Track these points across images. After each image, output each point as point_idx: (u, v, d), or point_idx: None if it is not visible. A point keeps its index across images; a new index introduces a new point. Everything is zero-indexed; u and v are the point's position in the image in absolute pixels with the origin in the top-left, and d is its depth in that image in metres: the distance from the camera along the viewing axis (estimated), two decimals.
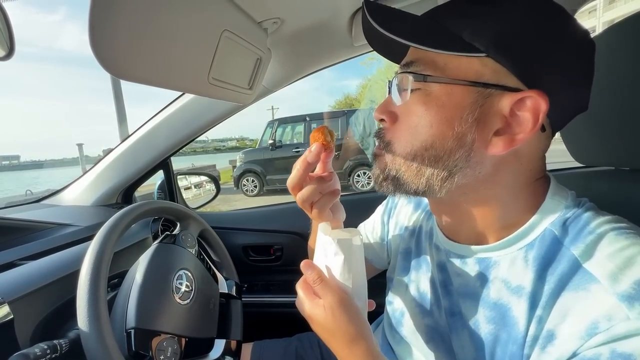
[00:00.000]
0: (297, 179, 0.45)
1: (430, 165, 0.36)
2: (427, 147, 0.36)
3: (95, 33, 0.35)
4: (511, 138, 0.34)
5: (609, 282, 0.29)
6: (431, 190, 0.37)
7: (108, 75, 0.43)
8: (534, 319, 0.33)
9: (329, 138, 0.44)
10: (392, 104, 0.40)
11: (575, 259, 0.32)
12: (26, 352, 0.42)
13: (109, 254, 0.52)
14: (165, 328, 0.56)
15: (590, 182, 0.61)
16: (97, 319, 0.45)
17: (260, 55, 0.67)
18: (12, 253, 0.63)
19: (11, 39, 0.47)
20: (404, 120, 0.38)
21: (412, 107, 0.37)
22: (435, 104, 0.35)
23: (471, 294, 0.40)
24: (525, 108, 0.33)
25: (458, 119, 0.34)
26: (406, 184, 0.38)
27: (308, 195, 0.45)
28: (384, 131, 0.40)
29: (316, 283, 0.39)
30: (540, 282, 0.34)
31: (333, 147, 0.45)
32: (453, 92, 0.34)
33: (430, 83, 0.35)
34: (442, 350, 0.43)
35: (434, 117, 0.35)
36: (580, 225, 0.34)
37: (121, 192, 1.05)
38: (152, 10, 0.40)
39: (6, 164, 67.33)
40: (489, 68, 0.33)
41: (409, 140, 0.37)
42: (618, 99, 0.49)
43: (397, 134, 0.38)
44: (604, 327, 0.28)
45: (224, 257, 0.85)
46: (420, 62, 0.36)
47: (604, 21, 24.04)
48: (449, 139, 0.35)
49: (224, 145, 54.90)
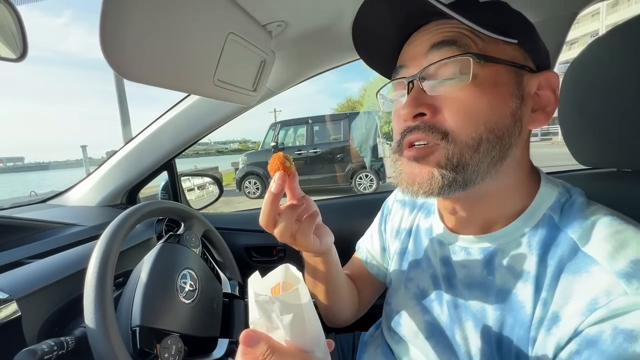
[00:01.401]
0: (267, 215, 0.40)
1: (494, 147, 0.36)
2: (492, 128, 0.36)
3: (106, 37, 0.36)
4: (545, 112, 0.38)
5: (607, 262, 0.31)
6: (482, 176, 0.37)
7: (112, 77, 0.44)
8: (540, 302, 0.35)
9: (287, 163, 0.41)
10: (425, 96, 0.37)
11: (575, 243, 0.34)
12: (34, 349, 0.43)
13: (115, 252, 0.53)
14: (169, 326, 0.56)
15: (593, 184, 0.61)
16: (104, 317, 0.46)
17: (264, 57, 0.68)
18: (20, 252, 0.64)
19: (24, 42, 0.49)
20: (459, 107, 0.36)
21: (466, 91, 0.36)
22: (489, 84, 0.36)
23: (477, 283, 0.41)
24: (546, 86, 0.38)
25: (510, 97, 0.36)
26: (473, 172, 0.36)
27: (284, 227, 0.40)
28: (435, 122, 0.37)
29: (269, 356, 0.30)
30: (542, 265, 0.36)
31: (295, 171, 0.42)
32: (500, 72, 0.36)
33: (482, 64, 0.35)
34: (442, 346, 0.43)
35: (492, 98, 0.36)
36: (575, 210, 0.37)
37: (126, 192, 1.06)
38: (160, 14, 0.41)
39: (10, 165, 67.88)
40: (519, 53, 0.37)
41: (473, 125, 0.35)
42: (620, 101, 0.49)
43: (455, 121, 0.36)
44: (604, 302, 0.30)
45: (227, 258, 0.85)
46: (461, 44, 0.36)
47: (607, 24, 23.99)
48: (507, 117, 0.36)
49: (227, 148, 55.12)
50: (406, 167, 0.40)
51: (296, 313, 0.32)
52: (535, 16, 0.73)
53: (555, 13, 0.72)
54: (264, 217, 0.40)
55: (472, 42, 0.36)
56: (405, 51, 0.42)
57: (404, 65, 0.41)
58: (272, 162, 0.41)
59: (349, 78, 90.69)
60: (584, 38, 26.47)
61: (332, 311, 0.59)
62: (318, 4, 0.62)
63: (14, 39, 0.49)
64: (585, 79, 0.54)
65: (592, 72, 0.53)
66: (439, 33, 0.37)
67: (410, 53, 0.40)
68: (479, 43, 0.36)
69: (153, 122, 0.96)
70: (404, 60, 0.41)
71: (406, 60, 0.41)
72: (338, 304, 0.58)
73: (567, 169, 0.90)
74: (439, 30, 0.38)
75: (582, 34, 27.56)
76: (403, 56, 0.42)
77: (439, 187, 0.37)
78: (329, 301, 0.56)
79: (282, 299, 0.31)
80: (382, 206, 0.65)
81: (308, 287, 0.60)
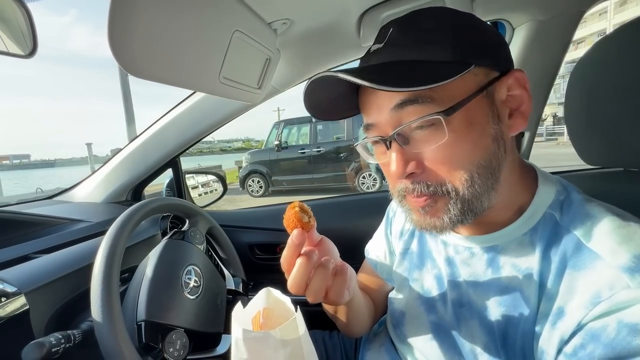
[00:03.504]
0: (301, 279, 0.36)
1: (487, 177, 0.37)
2: (480, 163, 0.36)
3: (115, 35, 0.36)
4: (521, 112, 0.38)
5: (610, 256, 0.32)
6: (487, 202, 0.38)
7: (117, 76, 0.44)
8: (544, 297, 0.35)
9: (305, 218, 0.36)
10: (407, 152, 0.37)
11: (579, 239, 0.35)
12: (42, 341, 0.44)
13: (121, 248, 0.53)
14: (174, 321, 0.57)
15: (599, 183, 0.61)
16: (111, 311, 0.47)
17: (269, 55, 0.68)
18: (27, 246, 0.65)
19: (34, 38, 0.49)
20: (444, 159, 0.36)
21: (445, 144, 0.35)
22: (465, 126, 0.35)
23: (481, 282, 0.42)
24: (515, 86, 0.38)
25: (488, 125, 0.36)
26: (478, 205, 0.37)
27: (319, 287, 0.36)
28: (427, 178, 0.37)
29: None
30: (546, 261, 0.37)
31: (314, 223, 0.37)
32: (471, 109, 0.35)
33: (453, 115, 0.34)
34: (446, 345, 0.44)
35: (472, 137, 0.36)
36: (575, 207, 0.38)
37: (131, 189, 1.07)
38: (167, 13, 0.41)
39: (17, 162, 68.70)
40: (480, 71, 0.36)
41: (462, 169, 0.36)
42: (627, 100, 0.49)
43: (445, 172, 0.36)
44: (607, 295, 0.30)
45: (231, 255, 0.86)
46: (423, 99, 0.35)
47: (615, 23, 23.72)
48: (490, 146, 0.37)
49: (230, 146, 55.27)
50: (415, 213, 0.40)
51: (294, 347, 0.29)
52: (541, 14, 0.72)
53: (561, 11, 0.71)
54: (295, 282, 0.36)
55: (433, 92, 0.34)
56: (367, 101, 0.40)
57: (373, 123, 0.39)
58: (288, 217, 0.36)
59: None
60: (591, 37, 26.17)
61: (351, 329, 0.60)
62: (323, 2, 0.62)
63: (22, 35, 0.49)
64: (591, 78, 0.54)
65: (599, 71, 0.53)
66: (397, 93, 0.36)
67: (374, 105, 0.39)
68: (439, 90, 0.34)
69: (158, 120, 0.96)
70: (370, 115, 0.40)
71: (373, 116, 0.39)
72: (359, 324, 0.59)
73: (573, 169, 0.89)
74: None
75: (589, 33, 27.26)
76: (366, 108, 0.40)
77: (451, 227, 0.38)
78: (349, 322, 0.57)
79: (278, 334, 0.28)
80: (387, 210, 0.65)
81: (329, 315, 0.58)
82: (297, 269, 0.36)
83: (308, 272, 0.36)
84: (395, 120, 0.37)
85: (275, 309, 0.32)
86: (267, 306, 0.33)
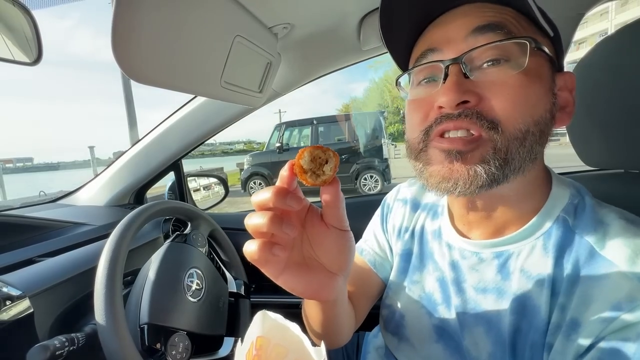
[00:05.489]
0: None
1: (537, 142, 0.34)
2: (538, 121, 0.33)
3: (118, 40, 0.37)
4: (568, 112, 0.37)
5: (627, 266, 0.30)
6: (518, 173, 0.34)
7: (119, 80, 0.44)
8: (557, 307, 0.34)
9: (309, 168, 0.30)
10: (467, 81, 0.34)
11: (592, 247, 0.33)
12: (46, 344, 0.44)
13: (124, 251, 0.54)
14: (176, 324, 0.57)
15: (600, 185, 0.61)
16: (114, 314, 0.47)
17: (270, 59, 0.69)
18: (31, 250, 0.66)
19: (39, 46, 0.50)
20: (509, 95, 0.33)
21: (516, 79, 0.33)
22: (536, 75, 0.33)
23: (490, 288, 0.39)
24: (564, 87, 0.37)
25: (549, 92, 0.35)
26: (514, 168, 0.34)
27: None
28: (481, 110, 0.33)
29: None
30: (558, 268, 0.35)
31: (323, 179, 0.31)
32: (543, 64, 0.34)
33: (534, 52, 0.33)
34: (451, 350, 0.42)
35: (539, 89, 0.33)
36: (588, 212, 0.36)
37: (133, 192, 1.07)
38: (169, 19, 0.42)
39: (20, 165, 69.16)
40: (552, 49, 0.35)
41: (522, 116, 0.33)
42: (628, 101, 0.49)
43: (505, 110, 0.33)
44: (627, 308, 0.28)
45: (233, 257, 0.86)
46: (508, 29, 0.33)
47: (617, 23, 23.64)
48: (547, 112, 0.34)
49: (232, 149, 55.41)
50: (438, 162, 0.35)
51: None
52: None
53: (561, 14, 0.71)
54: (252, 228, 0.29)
55: (517, 30, 0.33)
56: (434, 34, 0.37)
57: (436, 48, 0.36)
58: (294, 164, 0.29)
59: (354, 78, 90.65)
60: (593, 37, 26.10)
61: (329, 338, 0.48)
62: (323, 7, 0.62)
63: (28, 43, 0.50)
64: (592, 79, 0.54)
65: (600, 72, 0.53)
66: (481, 16, 0.34)
67: (444, 36, 0.36)
68: (522, 32, 0.33)
69: (160, 124, 0.97)
70: (434, 43, 0.37)
71: (439, 43, 0.36)
72: (338, 334, 0.49)
73: (574, 170, 0.89)
74: (480, 13, 0.34)
75: (590, 33, 27.19)
76: (432, 39, 0.37)
77: (479, 185, 0.33)
78: (327, 329, 0.46)
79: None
80: (381, 203, 0.61)
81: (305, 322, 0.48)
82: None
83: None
84: (466, 47, 0.34)
85: (273, 337, 0.26)
86: (262, 334, 0.27)
